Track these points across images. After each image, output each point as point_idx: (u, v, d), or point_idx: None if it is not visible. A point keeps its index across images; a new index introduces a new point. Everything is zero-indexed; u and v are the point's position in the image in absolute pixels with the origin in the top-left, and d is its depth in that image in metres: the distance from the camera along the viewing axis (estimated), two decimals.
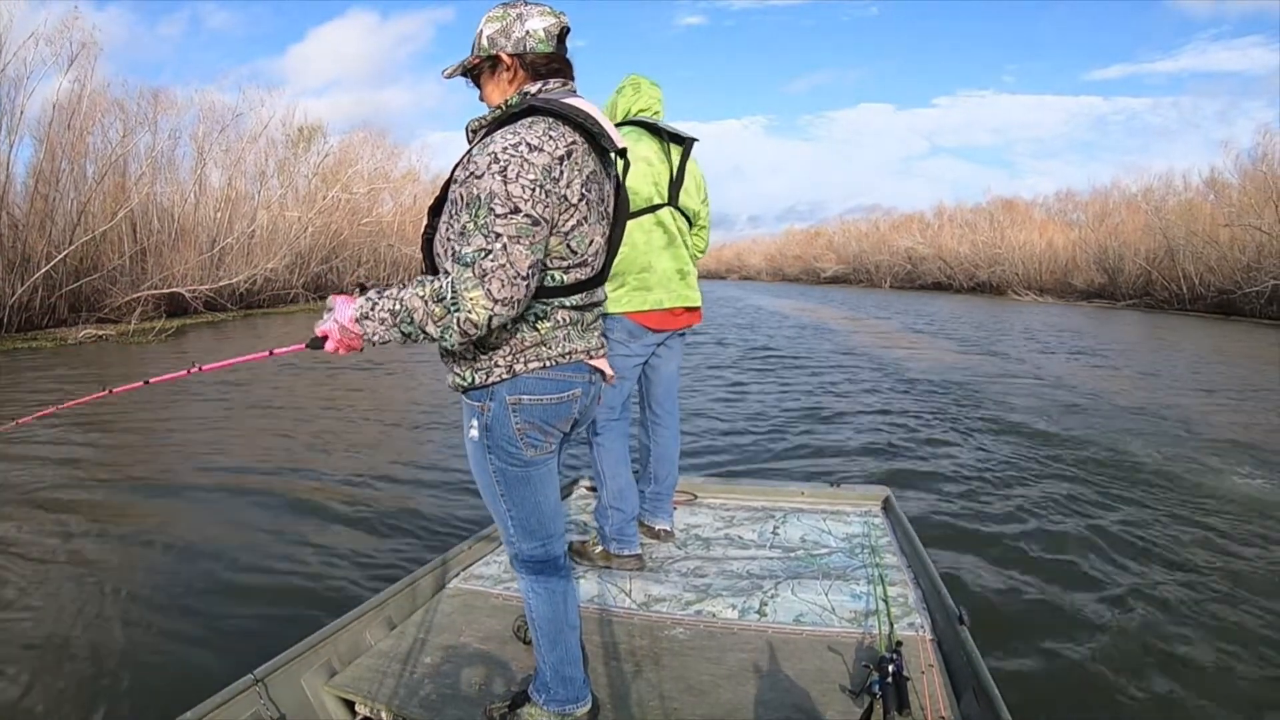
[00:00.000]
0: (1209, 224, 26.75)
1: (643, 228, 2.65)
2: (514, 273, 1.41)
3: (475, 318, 1.41)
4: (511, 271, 1.40)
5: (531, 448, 1.64)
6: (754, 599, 2.50)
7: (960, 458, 5.89)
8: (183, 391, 9.34)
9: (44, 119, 17.86)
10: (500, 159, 1.43)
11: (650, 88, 2.78)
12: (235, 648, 2.93)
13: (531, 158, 1.44)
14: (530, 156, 1.44)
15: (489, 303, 1.40)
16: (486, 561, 2.90)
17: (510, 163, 1.43)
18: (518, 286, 1.42)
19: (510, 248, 1.40)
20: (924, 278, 48.09)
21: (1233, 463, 5.76)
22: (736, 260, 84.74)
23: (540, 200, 1.44)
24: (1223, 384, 10.10)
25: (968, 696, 1.90)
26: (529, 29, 1.57)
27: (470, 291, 1.39)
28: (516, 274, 1.41)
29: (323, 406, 8.37)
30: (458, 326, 1.42)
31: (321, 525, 4.41)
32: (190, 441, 6.58)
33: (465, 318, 1.41)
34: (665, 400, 3.03)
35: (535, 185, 1.43)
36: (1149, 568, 3.77)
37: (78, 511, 4.65)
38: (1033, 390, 9.32)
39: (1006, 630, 3.11)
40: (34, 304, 16.22)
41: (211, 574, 3.73)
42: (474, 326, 1.42)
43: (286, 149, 27.81)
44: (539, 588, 1.78)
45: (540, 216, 1.44)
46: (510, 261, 1.40)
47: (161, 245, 20.42)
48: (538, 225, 1.44)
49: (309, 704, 2.01)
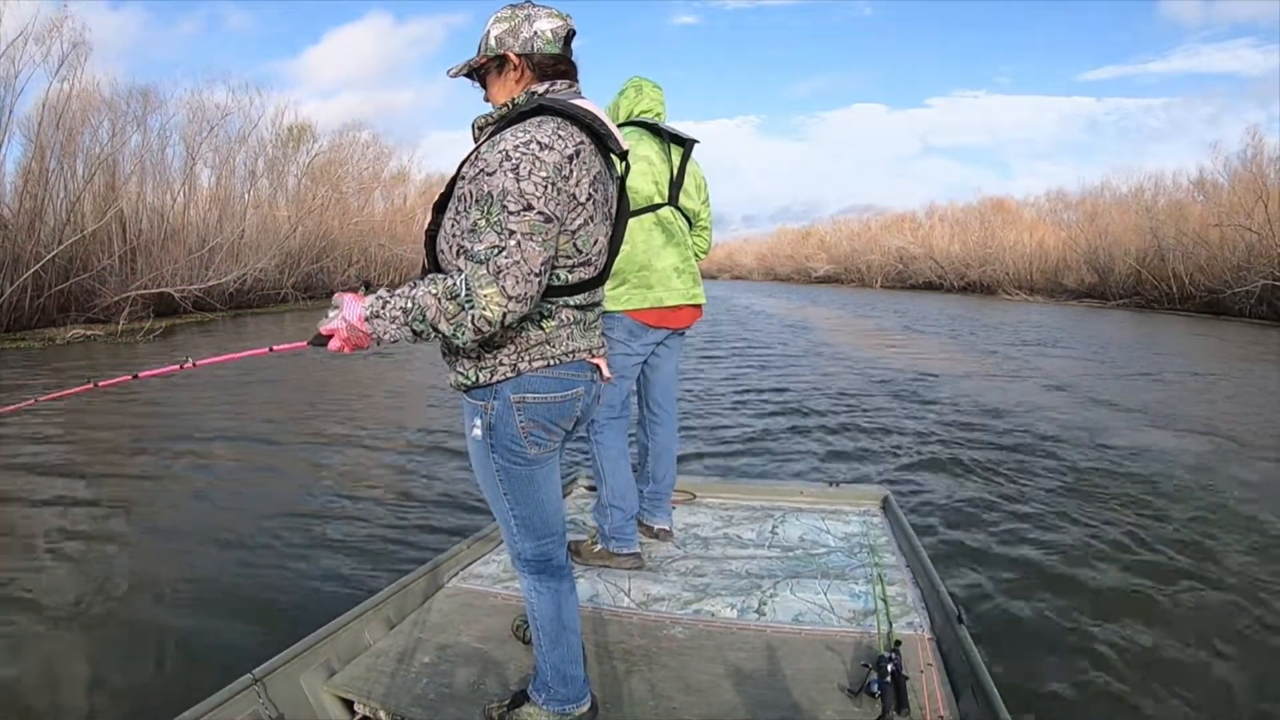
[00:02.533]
0: (1199, 224, 26.85)
1: (643, 226, 2.67)
2: (528, 270, 1.42)
3: (490, 315, 1.41)
4: (526, 269, 1.41)
5: (536, 446, 1.64)
6: (753, 598, 2.50)
7: (959, 458, 5.91)
8: (176, 389, 9.30)
9: (34, 118, 17.76)
10: (512, 156, 1.44)
11: (652, 89, 2.81)
12: (234, 647, 2.92)
13: (543, 156, 1.45)
14: (542, 155, 1.45)
15: (503, 299, 1.41)
16: (486, 561, 2.90)
17: (523, 160, 1.44)
18: (531, 283, 1.43)
19: (524, 244, 1.41)
20: (915, 277, 48.15)
21: (1235, 463, 5.80)
22: (728, 260, 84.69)
23: (552, 198, 1.45)
24: (1221, 383, 10.17)
25: (966, 696, 1.91)
26: (537, 30, 1.58)
27: (485, 288, 1.40)
28: (530, 271, 1.42)
29: (321, 404, 8.34)
30: (471, 324, 1.42)
31: (320, 524, 4.39)
32: (186, 440, 6.53)
33: (480, 315, 1.41)
34: (664, 399, 3.04)
35: (547, 183, 1.44)
36: (1149, 567, 3.79)
37: (72, 512, 4.62)
38: (1030, 390, 9.36)
39: (1005, 629, 3.12)
40: (23, 304, 16.07)
41: (210, 573, 3.71)
42: (488, 324, 1.42)
43: (276, 148, 27.68)
44: (541, 587, 1.78)
45: (552, 214, 1.45)
46: (525, 258, 1.41)
47: (151, 245, 20.26)
48: (550, 223, 1.45)
49: (308, 703, 2.00)
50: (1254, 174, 25.44)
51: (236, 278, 21.74)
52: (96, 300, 17.67)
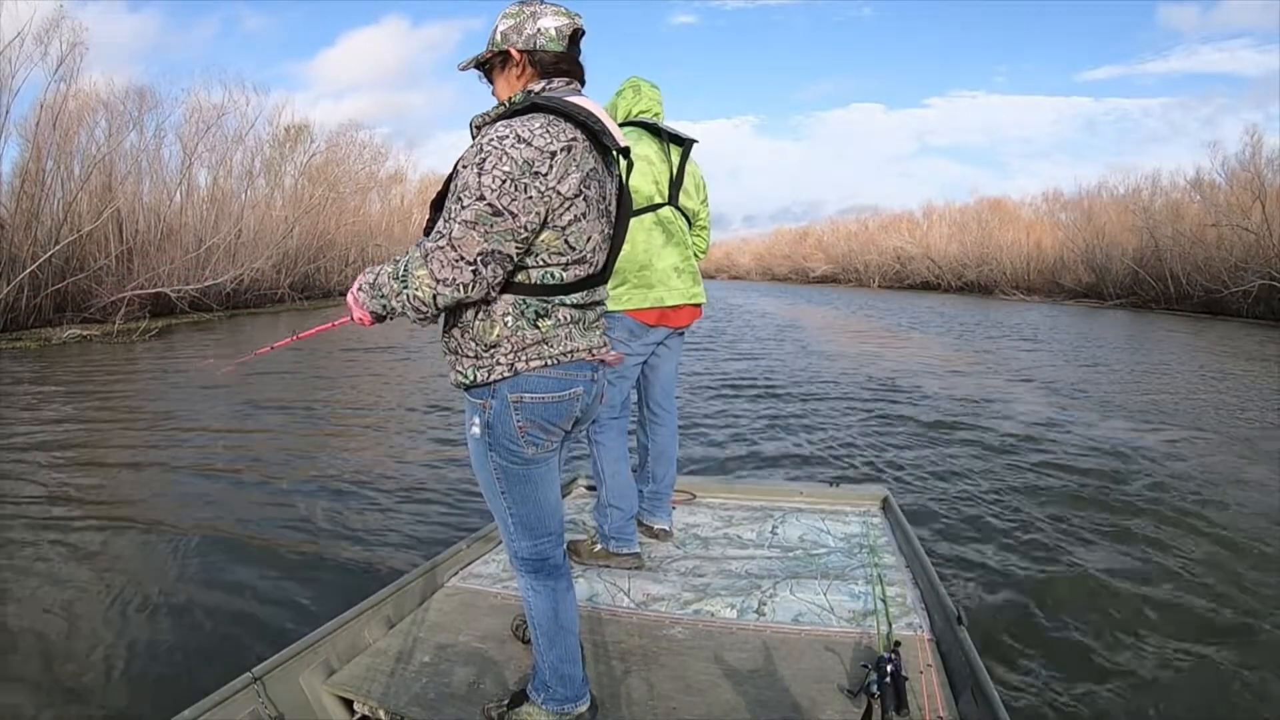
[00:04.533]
0: (1196, 224, 26.90)
1: (643, 226, 2.67)
2: (455, 255, 1.45)
3: (421, 294, 1.48)
4: (454, 255, 1.45)
5: (533, 446, 1.64)
6: (752, 599, 2.50)
7: (959, 458, 5.92)
8: (175, 387, 9.31)
9: (31, 118, 17.73)
10: (484, 150, 1.47)
11: (650, 90, 2.82)
12: (233, 646, 2.92)
13: (512, 151, 1.46)
14: (511, 150, 1.46)
15: (432, 281, 1.47)
16: (485, 560, 2.89)
17: (490, 155, 1.46)
18: (460, 270, 1.46)
19: (459, 230, 1.45)
20: (912, 277, 48.22)
21: (1236, 463, 5.81)
22: (726, 260, 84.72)
23: (508, 192, 1.45)
24: (1222, 384, 10.19)
25: (966, 696, 1.91)
26: (540, 27, 1.59)
27: (417, 270, 1.48)
28: (460, 257, 1.45)
29: (320, 403, 8.32)
30: (410, 302, 1.50)
31: (319, 524, 4.39)
32: (186, 440, 6.53)
33: (413, 294, 1.49)
34: (663, 399, 3.04)
35: (507, 178, 1.45)
36: (1149, 567, 3.80)
37: (71, 512, 4.61)
38: (1030, 390, 9.38)
39: (1005, 630, 3.12)
40: (19, 304, 16.05)
41: (209, 573, 3.70)
42: (421, 303, 1.50)
43: (273, 148, 27.64)
44: (538, 586, 1.78)
45: (504, 208, 1.45)
46: (453, 244, 1.45)
47: (147, 245, 20.24)
48: (499, 216, 1.45)
49: (307, 703, 2.00)
50: (1251, 174, 25.50)
51: (233, 278, 21.72)
52: (93, 300, 17.65)
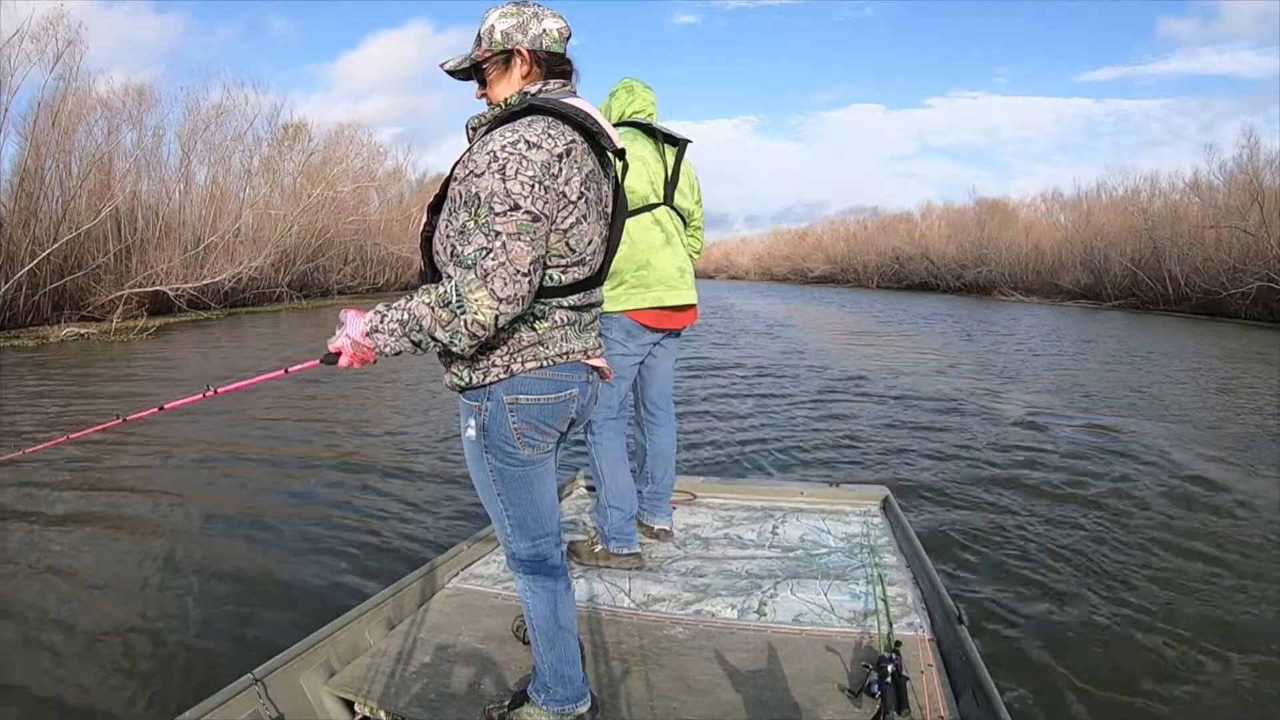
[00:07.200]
0: (1194, 226, 26.94)
1: (640, 226, 2.67)
2: (514, 270, 1.41)
3: (482, 318, 1.41)
4: (512, 269, 1.41)
5: (529, 447, 1.63)
6: (753, 599, 2.50)
7: (959, 458, 5.92)
8: (175, 395, 9.25)
9: (29, 116, 17.72)
10: (499, 157, 1.44)
11: (644, 90, 2.83)
12: (234, 647, 2.92)
13: (530, 155, 1.45)
14: (529, 154, 1.45)
15: (494, 302, 1.40)
16: (485, 561, 2.89)
17: (509, 160, 1.44)
18: (520, 284, 1.42)
19: (510, 245, 1.41)
20: (911, 278, 48.21)
21: (1237, 464, 5.82)
22: (725, 260, 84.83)
23: (540, 196, 1.45)
24: (1223, 384, 10.21)
25: (966, 696, 1.91)
26: (545, 28, 1.59)
27: (475, 293, 1.39)
28: (517, 271, 1.41)
29: (320, 405, 8.30)
30: (465, 329, 1.42)
31: (319, 525, 4.38)
32: (184, 442, 6.52)
33: (472, 319, 1.41)
34: (661, 399, 3.04)
35: (534, 182, 1.44)
36: (1150, 568, 3.80)
37: (71, 512, 4.61)
38: (1031, 391, 9.40)
39: (1005, 630, 3.13)
40: (17, 302, 16.06)
41: (210, 573, 3.70)
42: (481, 327, 1.42)
43: (272, 146, 27.63)
44: (536, 587, 1.78)
45: (540, 213, 1.45)
46: (510, 259, 1.41)
47: (146, 243, 20.24)
48: (538, 221, 1.45)
49: (308, 704, 2.00)
50: (1249, 176, 25.53)
51: (231, 276, 21.68)
52: (91, 298, 17.64)
